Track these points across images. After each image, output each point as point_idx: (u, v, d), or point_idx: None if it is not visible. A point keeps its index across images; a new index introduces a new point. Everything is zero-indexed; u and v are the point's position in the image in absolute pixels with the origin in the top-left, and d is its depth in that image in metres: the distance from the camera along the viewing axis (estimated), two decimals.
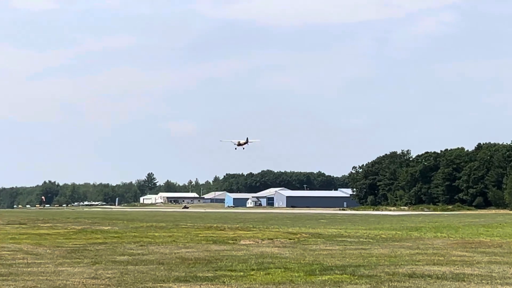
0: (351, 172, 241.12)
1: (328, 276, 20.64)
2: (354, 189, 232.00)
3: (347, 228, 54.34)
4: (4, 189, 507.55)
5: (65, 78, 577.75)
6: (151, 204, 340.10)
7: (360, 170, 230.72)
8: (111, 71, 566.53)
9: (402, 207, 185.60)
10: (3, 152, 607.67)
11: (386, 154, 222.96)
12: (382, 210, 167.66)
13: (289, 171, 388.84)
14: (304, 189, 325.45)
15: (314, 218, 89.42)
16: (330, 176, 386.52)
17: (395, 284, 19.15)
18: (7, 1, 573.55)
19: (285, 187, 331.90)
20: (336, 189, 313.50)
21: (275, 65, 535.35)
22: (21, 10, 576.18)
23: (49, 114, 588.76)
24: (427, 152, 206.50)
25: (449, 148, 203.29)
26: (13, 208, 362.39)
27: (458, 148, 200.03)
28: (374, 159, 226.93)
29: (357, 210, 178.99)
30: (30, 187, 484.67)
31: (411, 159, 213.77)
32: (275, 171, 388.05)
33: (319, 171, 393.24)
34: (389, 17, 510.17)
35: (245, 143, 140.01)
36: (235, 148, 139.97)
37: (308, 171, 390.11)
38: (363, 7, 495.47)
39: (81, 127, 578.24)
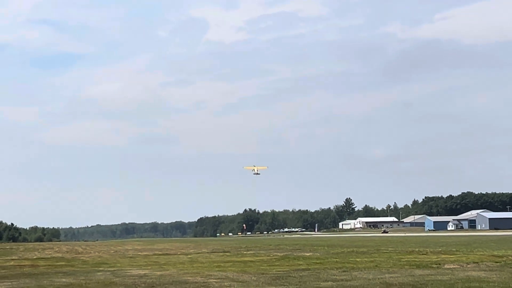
0: None
1: None
2: None
3: None
4: (207, 218, 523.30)
5: (259, 108, 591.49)
6: (350, 229, 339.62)
7: None
8: (304, 99, 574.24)
9: None
10: (206, 182, 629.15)
11: None
12: None
13: (490, 193, 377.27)
14: (507, 211, 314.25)
15: None
16: None
17: None
18: (202, 35, 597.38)
19: (487, 209, 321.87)
20: None
21: (470, 84, 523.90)
22: (215, 43, 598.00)
23: (245, 143, 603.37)
24: None
25: None
26: (216, 236, 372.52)
27: None
28: None
29: None
30: (232, 215, 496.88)
31: None
32: (476, 193, 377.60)
33: None
34: None
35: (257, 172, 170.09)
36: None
37: (510, 192, 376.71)
38: None
39: (277, 155, 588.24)
